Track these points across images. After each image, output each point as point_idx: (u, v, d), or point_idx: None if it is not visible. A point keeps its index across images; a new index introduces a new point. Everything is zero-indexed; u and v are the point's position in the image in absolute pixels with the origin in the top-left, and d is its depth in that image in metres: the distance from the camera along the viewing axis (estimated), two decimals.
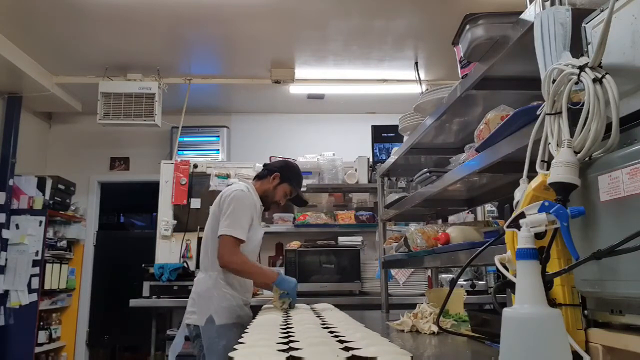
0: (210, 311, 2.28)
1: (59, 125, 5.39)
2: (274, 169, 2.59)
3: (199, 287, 2.39)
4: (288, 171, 2.60)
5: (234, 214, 2.30)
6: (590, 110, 0.85)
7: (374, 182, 4.08)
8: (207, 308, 2.29)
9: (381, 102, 5.09)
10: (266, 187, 2.55)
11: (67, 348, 4.89)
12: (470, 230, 1.78)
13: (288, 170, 2.61)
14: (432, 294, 2.40)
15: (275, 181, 2.54)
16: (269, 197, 2.55)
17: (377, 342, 1.09)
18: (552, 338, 0.78)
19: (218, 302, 2.31)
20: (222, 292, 2.33)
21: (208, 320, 2.27)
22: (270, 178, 2.55)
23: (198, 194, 4.53)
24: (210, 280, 2.35)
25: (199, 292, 2.37)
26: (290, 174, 2.59)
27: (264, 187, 2.55)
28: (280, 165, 2.66)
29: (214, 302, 2.30)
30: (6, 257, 4.25)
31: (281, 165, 2.65)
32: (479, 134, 1.48)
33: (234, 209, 2.31)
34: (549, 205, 0.85)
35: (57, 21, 3.59)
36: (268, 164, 2.69)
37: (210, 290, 2.33)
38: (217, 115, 5.37)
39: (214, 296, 2.31)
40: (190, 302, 2.40)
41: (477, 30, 1.40)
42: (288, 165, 2.68)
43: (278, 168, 2.60)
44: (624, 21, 0.86)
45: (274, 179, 2.54)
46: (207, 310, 2.29)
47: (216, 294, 2.32)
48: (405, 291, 3.99)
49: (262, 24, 3.68)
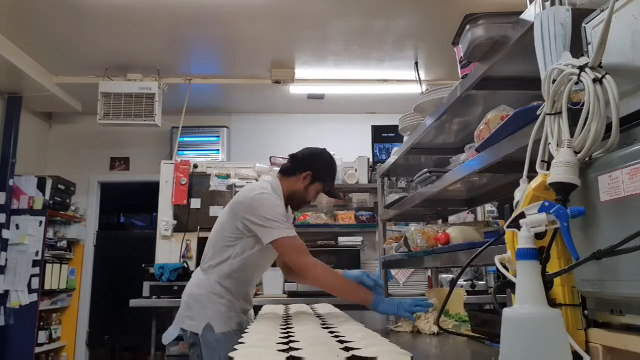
0: (208, 318, 2.05)
1: (59, 125, 5.39)
2: (304, 166, 2.18)
3: (195, 288, 2.14)
4: (321, 168, 2.21)
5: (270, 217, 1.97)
6: (590, 110, 0.85)
7: (374, 182, 4.08)
8: (205, 314, 2.06)
9: (381, 102, 5.09)
10: (296, 186, 2.17)
11: (67, 348, 4.89)
12: (470, 230, 1.78)
13: (321, 167, 2.21)
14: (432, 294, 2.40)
15: (307, 181, 2.17)
16: (299, 197, 2.19)
17: (377, 342, 1.09)
18: (552, 338, 0.78)
19: (216, 308, 2.07)
20: (220, 297, 2.09)
21: (206, 328, 2.04)
22: (300, 177, 2.17)
23: (198, 194, 4.53)
24: (209, 283, 2.10)
25: (195, 296, 2.11)
26: (323, 172, 2.21)
27: (292, 187, 2.17)
28: (311, 159, 2.22)
29: (212, 308, 2.07)
30: (6, 257, 4.25)
31: (312, 160, 2.21)
32: (479, 134, 1.48)
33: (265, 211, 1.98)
34: (549, 205, 0.85)
35: (57, 21, 3.59)
36: (296, 156, 2.23)
37: (208, 295, 2.09)
38: (217, 115, 5.37)
39: (212, 301, 2.08)
40: (184, 305, 2.15)
41: (477, 30, 1.40)
42: (320, 160, 2.24)
43: (309, 165, 2.18)
44: (624, 21, 0.86)
45: (304, 179, 2.17)
46: (204, 317, 2.06)
47: (214, 299, 2.08)
48: (405, 291, 3.99)
49: (262, 24, 3.68)
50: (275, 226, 1.96)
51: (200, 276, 2.16)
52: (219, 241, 2.12)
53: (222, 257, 2.09)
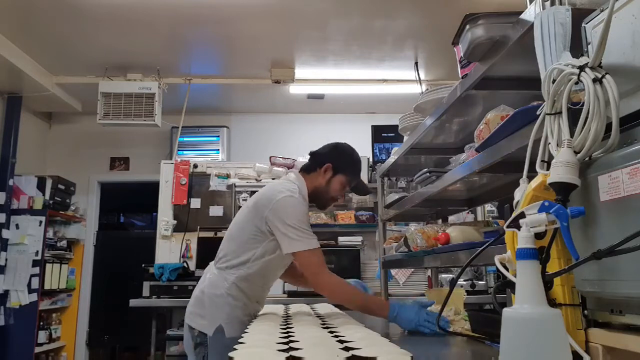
0: (221, 320, 1.93)
1: (59, 125, 5.39)
2: (323, 158, 2.10)
3: (211, 287, 2.00)
4: (341, 158, 2.11)
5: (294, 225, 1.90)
6: (590, 110, 0.85)
7: (374, 182, 4.08)
8: (218, 316, 1.94)
9: (381, 102, 5.09)
10: (317, 182, 2.07)
11: (67, 348, 4.89)
12: (470, 230, 1.78)
13: (341, 157, 2.11)
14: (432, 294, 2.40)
15: (328, 174, 2.07)
16: (323, 193, 2.09)
17: (377, 342, 1.09)
18: (552, 338, 0.78)
19: (230, 310, 1.95)
20: (236, 300, 1.96)
21: (217, 330, 1.93)
22: (321, 170, 2.07)
23: (198, 194, 4.54)
24: (226, 283, 1.96)
25: (210, 295, 1.98)
26: (344, 162, 2.11)
27: (314, 183, 2.07)
28: (330, 151, 2.13)
29: (226, 310, 1.95)
30: (6, 257, 4.25)
31: (331, 152, 2.12)
32: (479, 134, 1.48)
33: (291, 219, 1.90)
34: (549, 205, 0.85)
35: (57, 21, 3.59)
36: (315, 152, 2.15)
37: (224, 296, 1.96)
38: (217, 115, 5.37)
39: (228, 303, 1.95)
40: (197, 302, 2.02)
41: (477, 30, 1.40)
42: (339, 150, 2.15)
43: (328, 157, 2.09)
44: (624, 21, 0.86)
45: (325, 172, 2.07)
46: (217, 318, 1.94)
47: (230, 301, 1.95)
48: (405, 291, 4.00)
49: (262, 24, 3.68)
50: (298, 236, 1.89)
51: (217, 275, 2.02)
52: (239, 240, 2.00)
53: (242, 258, 1.97)
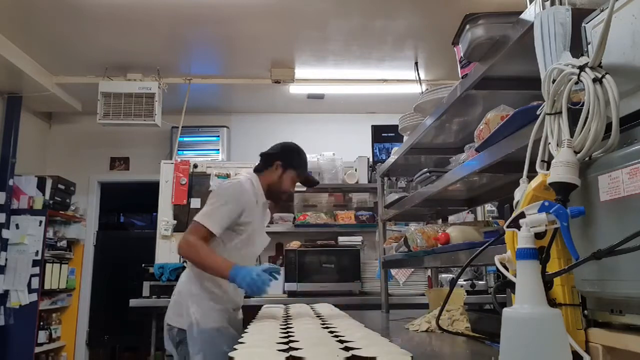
0: (197, 313, 2.07)
1: (59, 125, 5.39)
2: (273, 157, 2.30)
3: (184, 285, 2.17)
4: (289, 155, 2.32)
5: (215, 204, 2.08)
6: (590, 110, 0.85)
7: (374, 182, 4.08)
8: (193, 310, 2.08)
9: (381, 102, 5.09)
10: (271, 179, 2.28)
11: (67, 348, 4.89)
12: (470, 230, 1.78)
13: (289, 154, 2.32)
14: (432, 294, 2.40)
15: (279, 171, 2.27)
16: (277, 188, 2.29)
17: (377, 342, 1.09)
18: (552, 338, 0.78)
19: (204, 303, 2.10)
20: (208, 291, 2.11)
21: (194, 323, 2.06)
22: (272, 169, 2.28)
23: (198, 194, 4.53)
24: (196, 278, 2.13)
25: (184, 292, 2.14)
26: (292, 158, 2.31)
27: (268, 180, 2.28)
28: (278, 150, 2.34)
29: (200, 303, 2.09)
30: (6, 257, 4.25)
31: (279, 151, 2.33)
32: (479, 134, 1.48)
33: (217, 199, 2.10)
34: (549, 205, 0.85)
35: (57, 21, 3.59)
36: (265, 152, 2.35)
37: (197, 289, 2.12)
38: (217, 115, 5.37)
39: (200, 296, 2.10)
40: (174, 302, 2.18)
41: (477, 30, 1.40)
42: (286, 149, 2.36)
43: (277, 155, 2.30)
44: (624, 21, 0.86)
45: (276, 169, 2.27)
46: (193, 312, 2.08)
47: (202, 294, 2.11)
48: (405, 291, 4.00)
49: (262, 24, 3.68)
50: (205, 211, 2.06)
51: (188, 272, 2.21)
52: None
53: None
